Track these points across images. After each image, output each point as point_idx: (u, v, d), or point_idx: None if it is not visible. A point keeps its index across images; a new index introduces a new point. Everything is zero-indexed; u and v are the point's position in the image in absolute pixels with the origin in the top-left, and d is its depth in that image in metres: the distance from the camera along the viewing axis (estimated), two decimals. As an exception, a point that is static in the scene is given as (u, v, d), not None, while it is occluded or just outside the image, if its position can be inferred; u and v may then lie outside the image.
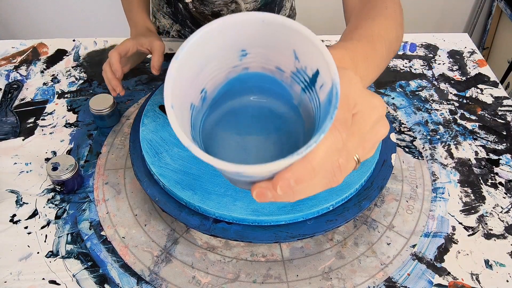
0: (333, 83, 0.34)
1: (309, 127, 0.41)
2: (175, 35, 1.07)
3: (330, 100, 0.35)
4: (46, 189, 0.76)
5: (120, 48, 0.76)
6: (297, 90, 0.41)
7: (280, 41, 0.37)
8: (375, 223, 0.71)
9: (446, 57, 1.04)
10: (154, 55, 0.77)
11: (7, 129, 0.86)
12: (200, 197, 0.63)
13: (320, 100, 0.37)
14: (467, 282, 0.64)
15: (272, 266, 0.66)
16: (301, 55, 0.38)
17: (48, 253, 0.67)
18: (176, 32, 1.07)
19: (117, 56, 0.75)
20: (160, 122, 0.74)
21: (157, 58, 0.76)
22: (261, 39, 0.38)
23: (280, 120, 0.45)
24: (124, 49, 0.76)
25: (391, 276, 0.65)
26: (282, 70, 0.41)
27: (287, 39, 0.37)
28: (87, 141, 0.84)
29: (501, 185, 0.77)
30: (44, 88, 0.95)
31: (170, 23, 1.06)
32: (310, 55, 0.37)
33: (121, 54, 0.76)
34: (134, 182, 0.76)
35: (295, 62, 0.39)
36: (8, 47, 1.05)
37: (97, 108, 0.82)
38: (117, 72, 0.76)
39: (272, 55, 0.39)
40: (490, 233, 0.70)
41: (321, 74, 0.37)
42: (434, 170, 0.79)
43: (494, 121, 0.89)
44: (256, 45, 0.38)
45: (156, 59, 0.77)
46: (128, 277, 0.64)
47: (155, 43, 0.77)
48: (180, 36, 1.07)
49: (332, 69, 0.35)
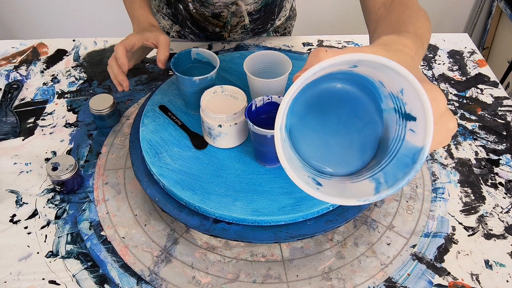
0: (424, 148, 0.39)
1: (385, 137, 0.46)
2: (175, 35, 1.07)
3: (414, 159, 0.40)
4: (46, 189, 0.76)
5: (126, 42, 0.76)
6: (389, 103, 0.45)
7: (393, 78, 0.41)
8: (375, 223, 0.71)
9: (446, 57, 1.04)
10: (159, 48, 0.77)
11: (7, 129, 0.86)
12: (200, 197, 0.63)
13: (405, 138, 0.42)
14: (467, 282, 0.64)
15: (272, 266, 0.66)
16: (407, 95, 0.42)
17: (48, 253, 0.67)
18: (176, 33, 1.07)
19: (123, 50, 0.75)
20: (160, 122, 0.74)
21: (163, 51, 0.76)
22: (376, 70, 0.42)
23: (361, 121, 0.49)
24: (130, 43, 0.76)
25: (391, 276, 0.65)
26: (384, 86, 0.44)
27: (399, 80, 0.41)
28: (87, 141, 0.84)
29: (501, 185, 0.77)
30: (44, 88, 0.95)
31: (170, 24, 1.06)
32: (415, 102, 0.40)
33: (127, 48, 0.76)
34: (134, 182, 0.76)
35: (399, 93, 0.42)
36: (8, 47, 1.05)
37: (97, 108, 0.82)
38: (124, 66, 0.75)
39: (381, 76, 0.43)
40: (490, 233, 0.70)
41: (417, 123, 0.41)
42: (434, 170, 0.79)
43: (494, 121, 0.89)
44: (367, 66, 0.42)
45: (162, 52, 0.76)
46: (128, 277, 0.64)
47: (161, 37, 0.77)
48: (180, 37, 1.07)
49: (428, 136, 0.39)
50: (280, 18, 1.07)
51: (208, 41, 1.06)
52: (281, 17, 1.07)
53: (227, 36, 1.04)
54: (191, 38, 1.07)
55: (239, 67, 0.83)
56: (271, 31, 1.09)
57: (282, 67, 0.71)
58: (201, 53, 0.74)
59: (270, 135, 0.60)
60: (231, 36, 1.04)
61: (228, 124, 0.65)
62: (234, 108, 0.66)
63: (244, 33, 1.03)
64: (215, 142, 0.69)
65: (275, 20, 1.06)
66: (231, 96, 0.69)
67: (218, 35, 1.04)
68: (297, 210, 0.61)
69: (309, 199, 0.62)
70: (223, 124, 0.65)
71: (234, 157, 0.68)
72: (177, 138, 0.71)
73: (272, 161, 0.66)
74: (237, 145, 0.70)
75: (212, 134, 0.68)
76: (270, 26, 1.06)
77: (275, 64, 0.72)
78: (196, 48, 0.74)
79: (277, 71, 0.71)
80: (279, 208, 0.61)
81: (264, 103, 0.65)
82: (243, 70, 0.69)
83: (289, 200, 0.62)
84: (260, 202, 0.62)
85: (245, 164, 0.67)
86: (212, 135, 0.68)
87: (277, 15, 1.05)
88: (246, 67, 0.69)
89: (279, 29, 1.11)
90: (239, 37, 1.05)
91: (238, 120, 0.66)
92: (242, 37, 1.05)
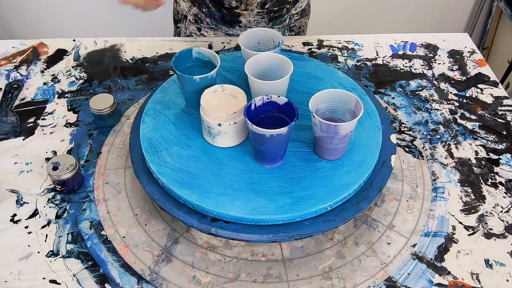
0: None
1: None
2: (192, 19, 1.08)
3: None
4: (47, 188, 0.76)
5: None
6: None
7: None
8: (375, 222, 0.71)
9: (446, 57, 1.04)
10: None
11: (8, 129, 0.86)
12: (198, 195, 0.63)
13: None
14: (467, 282, 0.64)
15: (272, 265, 0.66)
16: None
17: (48, 252, 0.67)
18: (193, 16, 1.07)
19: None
20: (160, 120, 0.74)
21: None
22: None
23: None
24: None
25: (391, 275, 0.65)
26: None
27: None
28: (88, 141, 0.84)
29: (501, 184, 0.77)
30: (44, 88, 0.95)
31: (189, 6, 1.07)
32: None
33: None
34: (135, 181, 0.76)
35: None
36: (8, 47, 1.05)
37: (97, 108, 0.82)
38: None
39: None
40: (490, 233, 0.70)
41: None
42: (434, 169, 0.79)
43: (494, 120, 0.89)
44: None
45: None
46: (128, 277, 0.64)
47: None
48: (196, 21, 1.08)
49: None
50: (296, 8, 1.08)
51: (223, 24, 1.06)
52: (297, 7, 1.07)
53: (243, 9, 1.02)
54: (206, 22, 1.07)
55: (240, 66, 0.83)
56: (286, 27, 1.08)
57: (283, 69, 0.71)
58: (202, 52, 0.74)
59: (269, 134, 0.60)
60: (248, 15, 1.03)
61: (227, 123, 0.65)
62: (234, 107, 0.66)
63: (260, 14, 1.03)
64: (215, 141, 0.69)
65: (291, 7, 1.05)
66: (231, 95, 0.69)
67: (234, 14, 1.03)
68: (295, 210, 0.61)
69: (307, 199, 0.62)
70: (222, 123, 0.65)
71: (233, 156, 0.68)
72: (177, 136, 0.71)
73: (271, 161, 0.66)
74: (236, 144, 0.70)
75: (212, 133, 0.68)
76: (286, 12, 1.06)
77: (276, 67, 0.72)
78: (197, 47, 0.74)
79: (279, 73, 0.72)
80: (277, 208, 0.62)
81: (264, 103, 0.65)
82: (244, 69, 0.69)
83: (288, 199, 0.62)
84: (258, 201, 0.62)
85: (244, 163, 0.67)
86: (211, 134, 0.68)
87: (293, 1, 1.05)
88: (248, 69, 0.69)
89: (293, 27, 1.11)
90: (254, 19, 1.04)
91: (237, 119, 0.66)
92: (257, 20, 1.04)
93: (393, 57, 1.04)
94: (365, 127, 0.72)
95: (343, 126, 0.61)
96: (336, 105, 0.67)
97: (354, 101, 0.65)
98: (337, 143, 0.64)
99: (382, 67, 1.01)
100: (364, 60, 1.02)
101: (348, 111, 0.66)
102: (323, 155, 0.67)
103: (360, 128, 0.72)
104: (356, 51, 1.05)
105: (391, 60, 1.03)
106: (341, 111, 0.67)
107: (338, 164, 0.67)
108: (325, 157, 0.67)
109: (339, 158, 0.68)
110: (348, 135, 0.64)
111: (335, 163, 0.67)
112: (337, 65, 1.01)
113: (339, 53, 1.04)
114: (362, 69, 1.00)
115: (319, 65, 0.84)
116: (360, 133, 0.71)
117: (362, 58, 1.03)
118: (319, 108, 0.67)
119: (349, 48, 1.05)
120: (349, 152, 0.68)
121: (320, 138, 0.65)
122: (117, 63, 1.01)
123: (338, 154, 0.67)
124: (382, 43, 1.07)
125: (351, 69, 1.00)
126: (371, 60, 1.03)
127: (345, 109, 0.67)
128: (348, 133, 0.63)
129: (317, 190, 0.63)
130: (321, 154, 0.67)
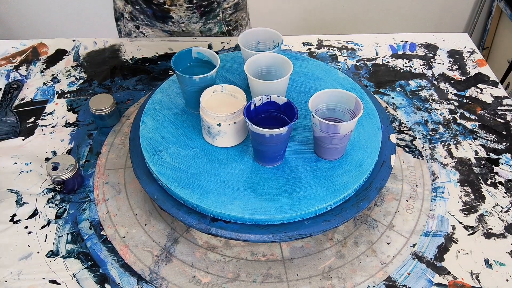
0: None
1: None
2: (128, 17, 1.08)
3: None
4: (46, 188, 0.76)
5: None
6: None
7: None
8: (375, 222, 0.71)
9: (446, 56, 1.04)
10: None
11: (7, 129, 0.86)
12: (198, 195, 0.63)
13: None
14: (467, 281, 0.64)
15: (272, 265, 0.66)
16: None
17: (48, 252, 0.67)
18: (128, 13, 1.07)
19: None
20: (160, 120, 0.74)
21: None
22: None
23: None
24: None
25: (391, 275, 0.65)
26: None
27: None
28: (87, 141, 0.84)
29: (501, 184, 0.77)
30: (44, 88, 0.95)
31: (123, 4, 1.07)
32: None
33: None
34: (134, 181, 0.76)
35: None
36: (8, 47, 1.05)
37: (97, 108, 0.82)
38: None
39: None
40: (490, 233, 0.70)
41: None
42: (434, 169, 0.79)
43: (494, 120, 0.89)
44: None
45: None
46: (128, 277, 0.64)
47: None
48: (132, 19, 1.08)
49: None
50: (229, 2, 1.07)
51: (156, 20, 1.06)
52: (230, 1, 1.07)
53: (170, 4, 1.02)
54: (141, 19, 1.07)
55: (240, 66, 0.83)
56: (222, 22, 1.08)
57: (283, 69, 0.71)
58: (202, 52, 0.74)
59: (269, 134, 0.60)
60: (177, 10, 1.03)
61: (227, 123, 0.65)
62: (233, 107, 0.66)
63: (190, 9, 1.02)
64: (214, 141, 0.69)
65: (222, 0, 1.05)
66: (231, 95, 0.69)
67: (164, 10, 1.03)
68: (295, 210, 0.61)
69: (307, 199, 0.62)
70: (222, 123, 0.65)
71: (233, 156, 0.68)
72: (176, 136, 0.71)
73: (271, 161, 0.66)
74: (236, 144, 0.70)
75: (212, 133, 0.68)
76: (218, 6, 1.06)
77: (276, 67, 0.72)
78: (196, 47, 0.74)
79: (278, 73, 0.72)
80: (277, 208, 0.62)
81: (263, 103, 0.65)
82: (243, 69, 0.69)
83: (287, 199, 0.62)
84: (258, 201, 0.62)
85: (244, 163, 0.67)
86: (211, 134, 0.68)
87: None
88: (247, 69, 0.69)
89: (230, 22, 1.11)
90: (185, 14, 1.04)
91: (237, 119, 0.66)
92: (189, 15, 1.04)
93: (393, 57, 1.04)
94: (364, 127, 0.72)
95: (342, 126, 0.61)
96: (336, 105, 0.67)
97: (353, 101, 0.65)
98: (337, 143, 0.64)
99: (382, 67, 1.01)
100: (363, 60, 1.02)
101: (347, 111, 0.66)
102: (322, 155, 0.67)
103: (359, 128, 0.72)
104: (356, 51, 1.05)
105: (391, 60, 1.03)
106: (340, 111, 0.67)
107: (338, 164, 0.67)
108: (325, 157, 0.67)
109: (339, 158, 0.68)
110: (347, 135, 0.64)
111: (334, 163, 0.67)
112: (336, 65, 1.01)
113: (339, 53, 1.04)
114: (362, 69, 1.00)
115: (318, 65, 0.84)
116: (359, 133, 0.71)
117: (361, 58, 1.03)
118: (319, 108, 0.67)
119: (348, 48, 1.06)
120: (349, 152, 0.68)
121: (319, 138, 0.65)
122: (117, 63, 1.01)
123: (338, 154, 0.67)
124: (382, 43, 1.07)
125: (350, 69, 1.00)
126: (370, 60, 1.03)
127: (344, 109, 0.67)
128: (348, 133, 0.64)
129: (316, 190, 0.63)
130: (321, 154, 0.67)
